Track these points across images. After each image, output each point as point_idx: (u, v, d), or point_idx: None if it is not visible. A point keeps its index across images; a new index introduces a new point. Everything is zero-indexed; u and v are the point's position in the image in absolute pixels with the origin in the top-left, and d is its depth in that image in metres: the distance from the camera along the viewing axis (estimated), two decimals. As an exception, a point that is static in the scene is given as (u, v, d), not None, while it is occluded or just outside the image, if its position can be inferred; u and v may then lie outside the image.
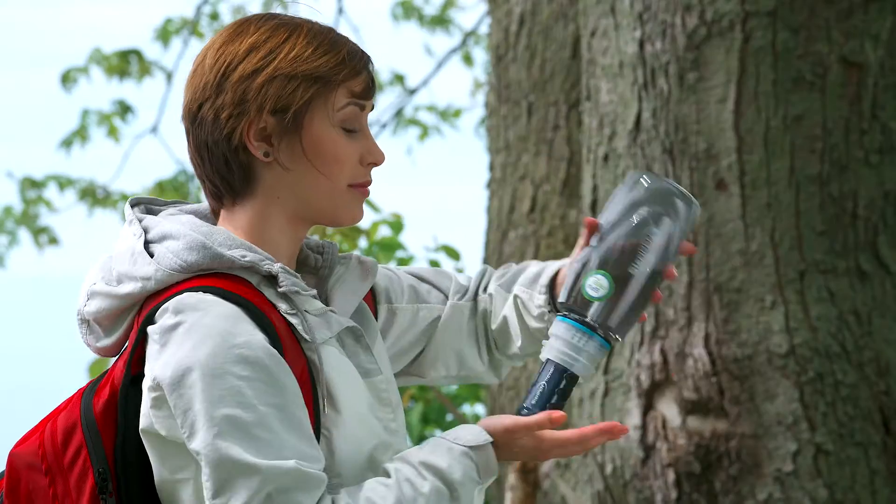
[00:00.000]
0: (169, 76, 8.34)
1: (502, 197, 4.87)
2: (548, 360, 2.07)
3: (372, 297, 2.21)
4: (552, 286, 2.21)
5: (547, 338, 2.11)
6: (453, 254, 5.09)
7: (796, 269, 3.67)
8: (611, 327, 2.06)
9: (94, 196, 8.68)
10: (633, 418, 3.76)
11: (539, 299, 2.20)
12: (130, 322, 2.01)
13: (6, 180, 8.73)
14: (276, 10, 2.12)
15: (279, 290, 1.98)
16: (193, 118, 2.04)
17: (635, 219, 2.08)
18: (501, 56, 4.87)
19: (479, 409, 5.95)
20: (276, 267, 1.99)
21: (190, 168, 8.64)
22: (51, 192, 8.77)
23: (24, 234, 8.92)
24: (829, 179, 3.68)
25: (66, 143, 8.47)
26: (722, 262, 3.69)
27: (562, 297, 2.10)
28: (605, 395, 3.85)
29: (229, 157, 2.01)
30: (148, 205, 2.10)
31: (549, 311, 2.19)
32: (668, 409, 3.72)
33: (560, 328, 2.06)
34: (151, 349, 1.94)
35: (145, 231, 2.03)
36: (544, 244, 4.78)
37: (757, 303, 3.67)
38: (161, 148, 8.39)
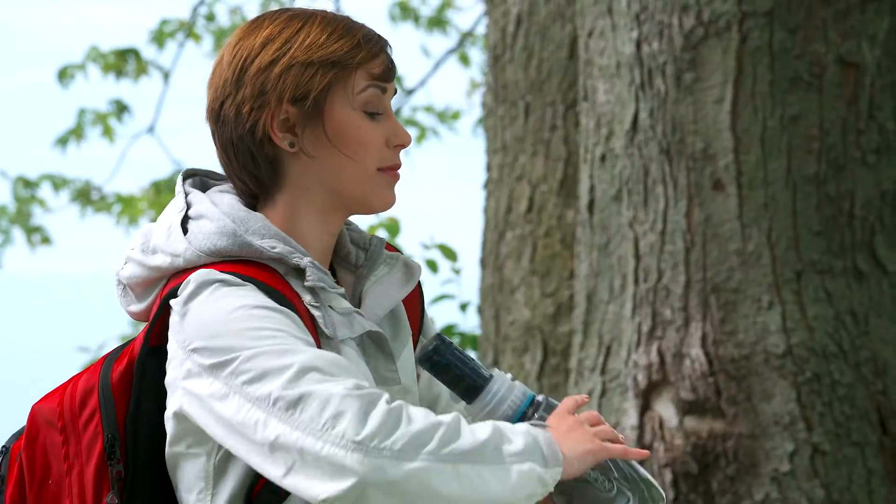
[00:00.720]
0: (166, 76, 8.33)
1: (499, 197, 4.87)
2: None
3: (419, 316, 2.18)
4: None
5: None
6: (450, 254, 5.09)
7: (793, 269, 3.67)
8: None
9: (87, 197, 8.67)
10: (630, 418, 3.76)
11: None
12: (159, 292, 2.02)
13: (0, 179, 8.72)
14: (275, 9, 2.12)
15: (305, 283, 1.98)
16: (217, 117, 2.03)
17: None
18: (498, 56, 4.87)
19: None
20: (304, 261, 1.99)
21: (185, 167, 8.63)
22: (45, 191, 8.77)
23: (17, 233, 8.91)
24: (826, 179, 3.69)
25: (62, 142, 8.46)
26: (719, 263, 3.69)
27: None
28: (602, 395, 3.85)
29: (255, 152, 2.01)
30: (203, 178, 2.10)
31: None
32: (665, 409, 3.73)
33: None
34: (173, 320, 1.95)
35: (188, 206, 2.04)
36: (541, 244, 4.78)
37: (754, 303, 3.67)
38: (158, 148, 8.39)
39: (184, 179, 2.09)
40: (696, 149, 3.70)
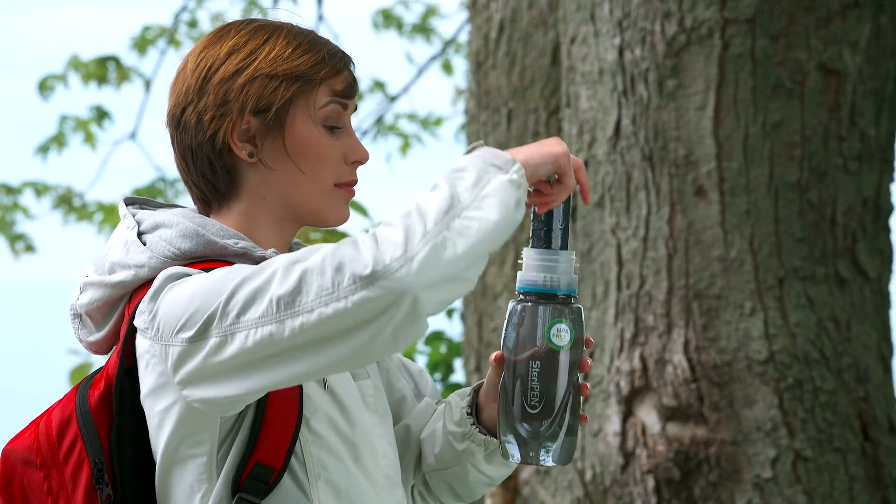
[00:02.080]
0: (147, 83, 8.32)
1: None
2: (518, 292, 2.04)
3: None
4: (476, 392, 2.18)
5: (462, 442, 2.11)
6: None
7: (775, 275, 3.68)
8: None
9: (69, 203, 8.65)
10: (613, 425, 3.76)
11: (463, 402, 2.17)
12: (121, 313, 2.02)
13: (-18, 187, 8.69)
14: (257, 16, 2.13)
15: None
16: (177, 123, 2.04)
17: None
18: (481, 63, 4.87)
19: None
20: (269, 252, 2.00)
21: (169, 175, 8.62)
22: (27, 198, 8.74)
23: (0, 241, 8.88)
24: (808, 186, 3.69)
25: (43, 149, 8.44)
26: (701, 269, 3.69)
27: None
28: (584, 401, 3.85)
29: (213, 160, 2.02)
30: (142, 204, 2.11)
31: (469, 417, 2.15)
32: (647, 415, 3.73)
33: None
34: (141, 321, 1.95)
35: (138, 223, 2.05)
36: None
37: (736, 309, 3.68)
38: (139, 154, 8.37)
39: (126, 206, 2.09)
40: (678, 155, 3.71)
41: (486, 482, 2.21)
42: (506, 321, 2.04)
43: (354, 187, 2.07)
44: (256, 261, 2.00)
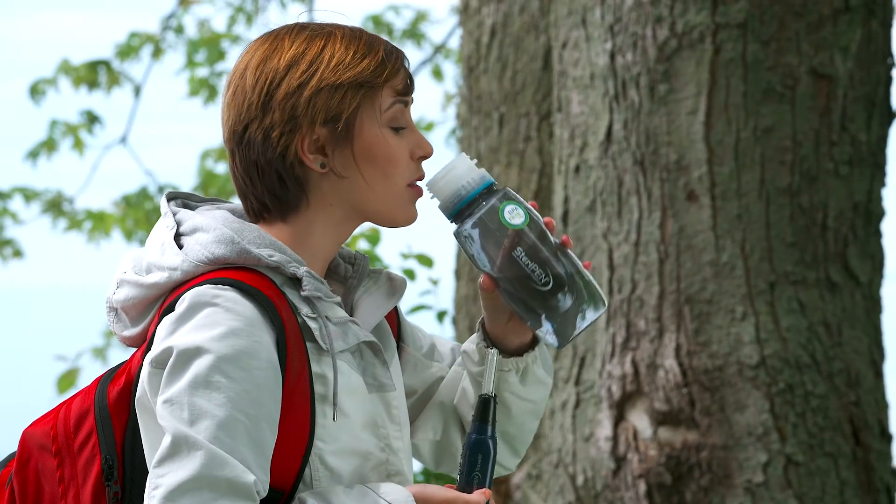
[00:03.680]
0: (137, 89, 8.31)
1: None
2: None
3: (397, 330, 2.20)
4: (483, 327, 2.18)
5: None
6: (427, 261, 5.08)
7: (766, 280, 3.68)
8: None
9: (59, 208, 8.64)
10: (605, 429, 3.76)
11: (475, 342, 2.17)
12: (155, 313, 2.02)
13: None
14: (303, 18, 2.10)
15: (302, 293, 1.99)
16: (240, 139, 2.02)
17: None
18: (473, 67, 4.87)
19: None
20: (301, 270, 1.99)
21: (158, 180, 8.61)
22: (16, 203, 8.73)
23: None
24: (800, 191, 3.70)
25: (33, 155, 8.43)
26: (692, 274, 3.70)
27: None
28: (576, 406, 3.85)
29: (284, 174, 2.01)
30: (185, 199, 2.10)
31: (484, 344, 2.16)
32: (639, 420, 3.73)
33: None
34: (160, 334, 1.96)
35: (178, 224, 2.04)
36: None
37: (727, 314, 3.68)
38: (130, 159, 8.36)
39: (167, 201, 2.08)
40: (669, 160, 3.71)
41: (531, 409, 2.19)
42: (465, 251, 2.07)
43: (420, 182, 2.07)
44: (288, 277, 2.00)
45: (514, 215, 2.05)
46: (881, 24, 3.78)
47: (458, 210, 2.05)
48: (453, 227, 2.07)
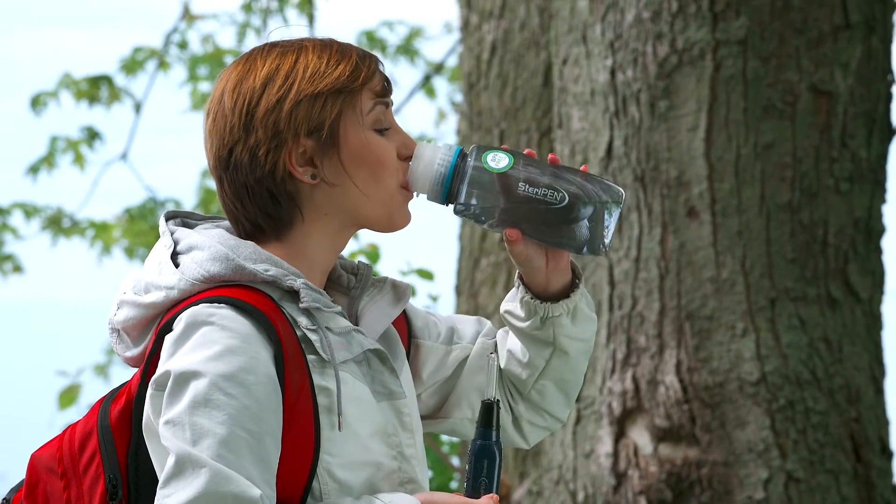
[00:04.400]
0: (138, 106, 8.32)
1: (474, 224, 4.86)
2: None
3: (407, 329, 2.20)
4: (522, 282, 2.19)
5: (544, 326, 2.13)
6: (427, 275, 5.08)
7: (767, 296, 3.68)
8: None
9: (59, 225, 8.65)
10: (605, 446, 3.76)
11: (519, 296, 2.18)
12: (153, 332, 2.03)
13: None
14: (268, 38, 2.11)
15: (300, 305, 1.99)
16: (226, 164, 2.02)
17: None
18: (473, 84, 4.88)
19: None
20: (298, 283, 1.99)
21: (158, 195, 8.61)
22: (16, 219, 8.74)
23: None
24: (800, 207, 3.70)
25: (33, 170, 8.44)
26: (693, 290, 3.70)
27: None
28: (576, 422, 3.85)
29: (275, 191, 2.01)
30: (185, 218, 2.11)
31: (534, 300, 2.16)
32: (639, 436, 3.72)
33: None
34: (162, 356, 1.96)
35: (175, 243, 2.04)
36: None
37: (728, 330, 3.68)
38: (129, 175, 8.37)
39: (166, 220, 2.09)
40: (670, 176, 3.71)
41: (585, 348, 2.20)
42: (476, 220, 2.09)
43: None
44: (286, 291, 2.00)
45: (497, 160, 2.07)
46: (881, 41, 3.78)
47: (447, 189, 2.06)
48: (451, 208, 2.08)
